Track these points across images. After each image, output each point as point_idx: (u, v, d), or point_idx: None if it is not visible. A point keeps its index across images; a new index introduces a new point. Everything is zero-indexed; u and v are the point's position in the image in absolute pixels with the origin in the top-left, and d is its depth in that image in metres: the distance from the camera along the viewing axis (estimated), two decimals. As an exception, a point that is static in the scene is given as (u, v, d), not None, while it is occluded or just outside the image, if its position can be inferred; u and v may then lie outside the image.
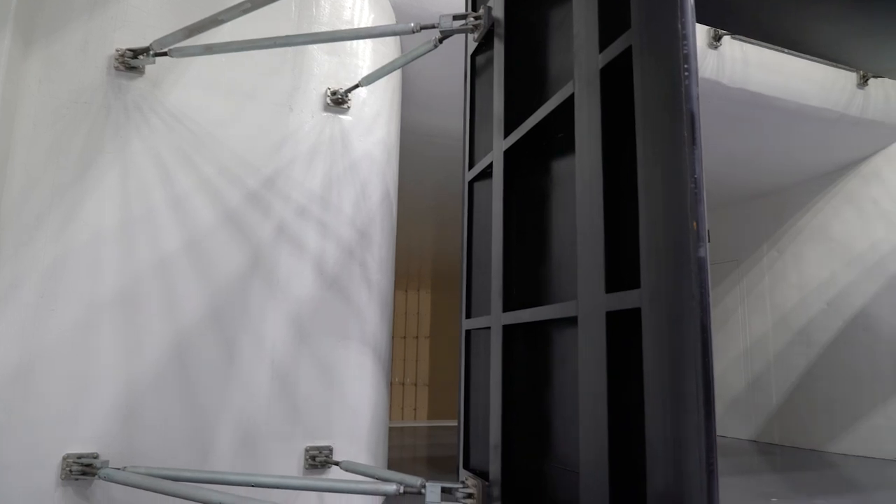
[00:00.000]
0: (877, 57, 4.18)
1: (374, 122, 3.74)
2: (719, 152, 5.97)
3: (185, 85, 3.28)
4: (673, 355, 1.30)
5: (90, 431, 2.83)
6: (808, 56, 5.00)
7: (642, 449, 1.39)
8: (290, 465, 3.21)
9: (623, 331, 1.53)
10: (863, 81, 5.33)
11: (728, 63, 4.72)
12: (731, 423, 7.36)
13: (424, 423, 10.86)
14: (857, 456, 5.89)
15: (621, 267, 1.55)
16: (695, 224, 1.27)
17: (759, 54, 4.91)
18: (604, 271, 1.56)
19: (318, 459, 3.25)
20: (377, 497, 3.57)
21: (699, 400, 1.23)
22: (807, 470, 5.18)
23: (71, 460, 2.73)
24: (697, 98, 1.32)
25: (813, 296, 6.53)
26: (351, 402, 3.43)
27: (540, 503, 2.09)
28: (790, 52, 4.97)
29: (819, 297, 6.46)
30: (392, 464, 4.91)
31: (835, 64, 5.16)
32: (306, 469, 3.23)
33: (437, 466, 5.21)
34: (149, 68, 3.20)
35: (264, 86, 3.44)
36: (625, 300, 1.47)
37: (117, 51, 3.12)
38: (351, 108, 3.63)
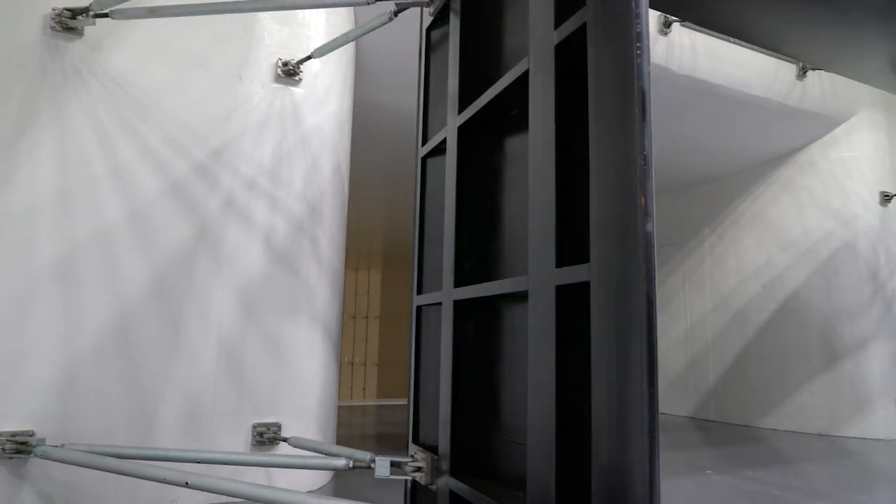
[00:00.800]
0: (815, 49, 4.35)
1: (326, 95, 3.67)
2: (666, 138, 6.13)
3: (128, 49, 3.14)
4: (619, 327, 1.34)
5: (25, 408, 2.72)
6: (753, 46, 5.16)
7: (588, 421, 1.43)
8: (238, 442, 3.17)
9: (572, 305, 1.56)
10: (802, 73, 5.55)
11: (677, 50, 4.83)
12: (672, 401, 7.66)
13: (374, 402, 10.88)
14: (786, 431, 6.23)
15: (572, 242, 1.58)
16: (643, 199, 1.30)
17: (706, 42, 5.04)
18: (554, 246, 1.59)
19: (266, 436, 3.22)
20: (326, 473, 3.57)
21: (643, 369, 1.27)
22: (739, 444, 5.46)
23: (4, 438, 2.62)
24: (649, 76, 1.35)
25: (750, 279, 6.83)
26: (300, 378, 3.40)
27: (488, 475, 2.13)
28: (736, 41, 5.12)
29: (755, 280, 6.76)
30: (342, 441, 4.90)
31: (777, 55, 5.34)
32: (254, 445, 3.20)
33: (387, 443, 5.24)
34: (88, 30, 3.04)
35: (212, 54, 3.33)
36: (574, 274, 1.50)
37: (53, 10, 2.95)
38: (303, 81, 3.55)
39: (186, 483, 2.16)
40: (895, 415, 5.76)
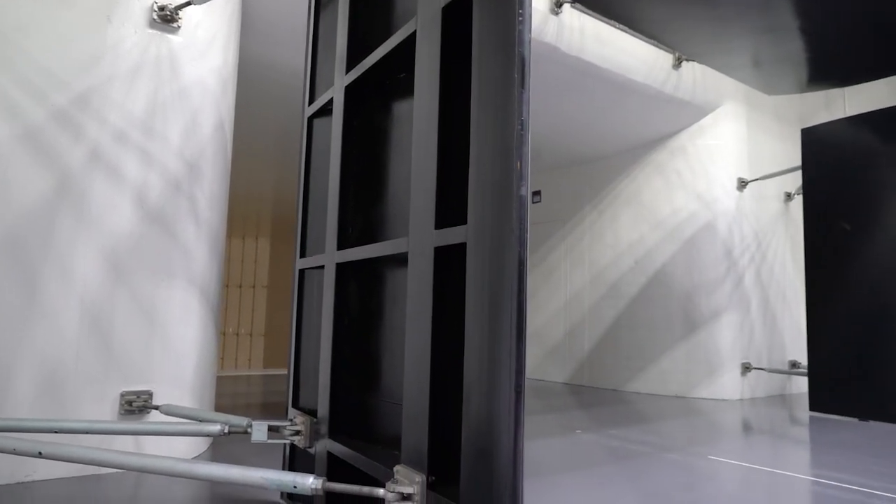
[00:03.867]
0: (689, 40, 4.68)
1: (208, 46, 3.45)
2: (554, 117, 6.36)
3: (-28, -26, 2.77)
4: (492, 285, 1.39)
5: None
6: (636, 33, 5.45)
7: (461, 378, 1.49)
8: (104, 411, 2.98)
9: (450, 266, 1.60)
10: (677, 63, 5.94)
11: (567, 31, 5.00)
12: (550, 369, 8.09)
13: (260, 372, 10.62)
14: (648, 393, 6.80)
15: (452, 205, 1.61)
16: (518, 164, 1.35)
17: (594, 26, 5.25)
18: (434, 209, 1.61)
19: (136, 404, 3.06)
20: (203, 441, 3.45)
21: (512, 326, 1.33)
22: (607, 406, 5.88)
23: None
24: (529, 43, 1.39)
25: (624, 255, 7.31)
26: (175, 344, 3.24)
27: (367, 437, 2.15)
28: (621, 27, 5.37)
29: (629, 255, 7.25)
30: (224, 410, 4.75)
31: (656, 44, 5.68)
32: (122, 414, 3.02)
33: (272, 412, 5.14)
34: (-80, -54, 2.65)
35: (77, -11, 3.02)
36: (452, 236, 1.54)
37: None
38: (182, 29, 3.32)
39: (40, 453, 2.01)
40: (739, 378, 6.45)
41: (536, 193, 8.64)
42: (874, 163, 5.05)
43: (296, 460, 2.63)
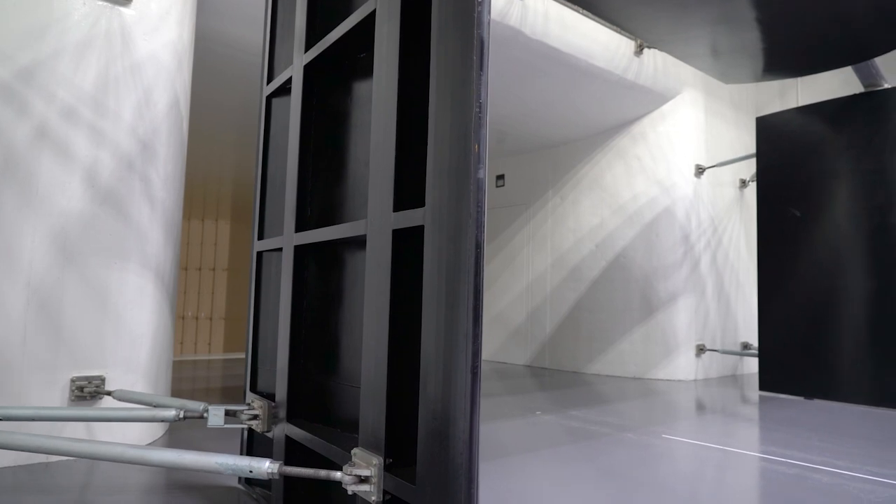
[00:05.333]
0: (650, 27, 4.71)
1: (161, 21, 3.33)
2: (517, 102, 6.37)
3: None
4: (449, 268, 1.39)
5: None
6: (598, 19, 5.47)
7: (419, 361, 1.49)
8: (53, 397, 2.89)
9: (408, 249, 1.59)
10: (639, 50, 6.00)
11: (531, 14, 4.99)
12: (512, 351, 8.19)
13: (220, 357, 10.47)
14: (607, 375, 6.95)
15: (410, 187, 1.60)
16: (476, 146, 1.35)
17: (558, 11, 5.26)
18: (393, 191, 1.60)
19: (87, 390, 2.98)
20: (159, 427, 3.39)
21: (469, 308, 1.33)
22: (567, 388, 5.99)
23: None
24: (488, 25, 1.38)
25: (585, 239, 7.41)
26: (128, 328, 3.16)
27: (325, 420, 2.14)
28: (584, 12, 5.39)
29: (590, 240, 7.36)
30: (183, 395, 4.67)
31: (619, 30, 5.72)
32: (72, 401, 2.94)
33: (231, 396, 5.08)
34: None
35: (19, -44, 2.87)
36: (410, 218, 1.53)
37: None
38: (134, 2, 3.19)
39: (-18, 441, 1.94)
40: (694, 359, 6.64)
41: (500, 177, 8.67)
42: (824, 151, 5.21)
43: (254, 445, 2.61)
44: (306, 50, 2.22)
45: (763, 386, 5.47)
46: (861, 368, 4.85)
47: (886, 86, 4.97)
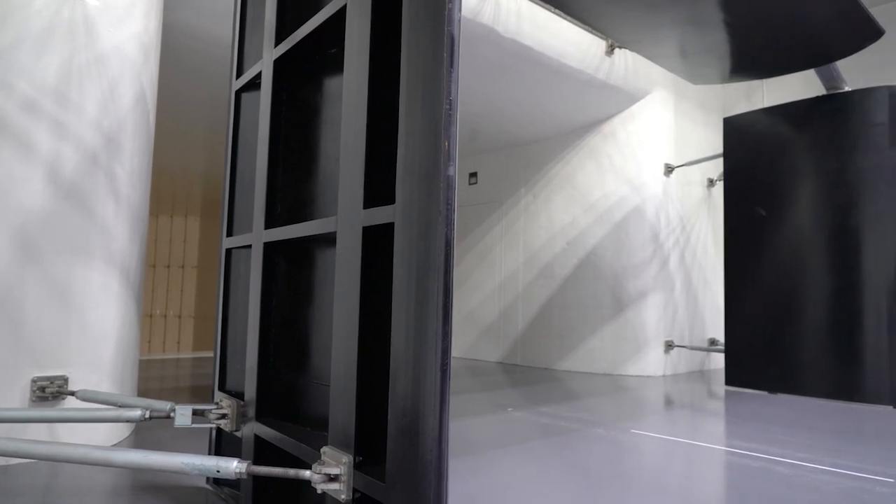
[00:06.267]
0: (621, 28, 4.77)
1: (127, 12, 3.26)
2: (490, 100, 6.39)
3: None
4: (419, 266, 1.39)
5: None
6: (570, 18, 5.52)
7: (388, 358, 1.48)
8: (13, 398, 2.81)
9: (378, 246, 1.59)
10: (610, 50, 6.07)
11: (503, 13, 5.01)
12: (484, 348, 8.22)
13: (189, 356, 10.31)
14: (578, 371, 7.02)
15: (380, 184, 1.60)
16: (446, 143, 1.35)
17: (530, 9, 5.28)
18: (363, 188, 1.59)
19: (49, 390, 2.90)
20: (125, 428, 3.33)
21: (438, 306, 1.33)
22: (539, 384, 6.04)
23: None
24: (459, 22, 1.38)
25: (557, 237, 7.47)
26: (92, 327, 3.09)
27: (295, 419, 2.12)
28: (556, 11, 5.43)
29: (561, 237, 7.42)
30: (151, 395, 4.58)
31: (591, 29, 5.78)
32: (34, 401, 2.86)
33: (201, 396, 5.00)
34: None
35: (-24, -58, 2.78)
36: (380, 215, 1.52)
37: None
38: (98, -8, 3.11)
39: (-62, 443, 1.87)
40: (663, 355, 6.75)
41: (473, 175, 8.69)
42: (788, 151, 5.34)
43: (222, 445, 2.58)
44: (276, 44, 2.19)
45: (729, 381, 5.59)
46: (822, 364, 4.98)
47: (847, 88, 5.11)
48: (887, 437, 3.95)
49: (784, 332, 5.22)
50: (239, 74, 2.58)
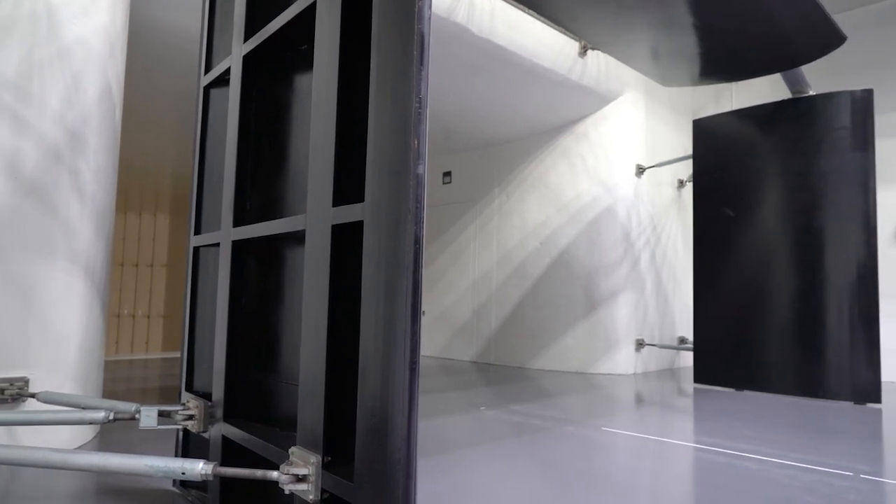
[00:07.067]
0: (594, 29, 4.82)
1: (93, 4, 3.18)
2: (464, 100, 6.40)
3: None
4: (388, 264, 1.38)
5: None
6: (544, 19, 5.55)
7: (357, 358, 1.47)
8: (-31, 401, 2.72)
9: (347, 244, 1.57)
10: (583, 51, 6.12)
11: (477, 12, 5.02)
12: (458, 347, 8.23)
13: (158, 356, 10.13)
14: (551, 370, 7.07)
15: (350, 182, 1.58)
16: (416, 142, 1.34)
17: (504, 9, 5.30)
18: (332, 186, 1.58)
19: (9, 392, 2.81)
20: (89, 430, 3.25)
21: (407, 304, 1.33)
22: (511, 383, 6.07)
23: None
24: (429, 20, 1.37)
25: (530, 236, 7.52)
26: (55, 327, 3.01)
27: (264, 419, 2.10)
28: (530, 11, 5.46)
29: (534, 237, 7.47)
30: (118, 396, 4.48)
31: (564, 30, 5.82)
32: (-8, 404, 2.77)
33: (169, 397, 4.91)
34: None
35: (-68, -71, 2.68)
36: (349, 213, 1.51)
37: None
38: (62, -17, 3.03)
39: None
40: (634, 354, 6.84)
41: (447, 174, 8.69)
42: (755, 153, 5.45)
43: (189, 446, 2.53)
44: (246, 39, 2.16)
45: (697, 378, 5.69)
46: (786, 361, 5.10)
47: (811, 92, 5.23)
48: (848, 433, 4.06)
49: (750, 331, 5.33)
50: (208, 70, 2.54)
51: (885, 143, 6.60)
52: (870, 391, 4.72)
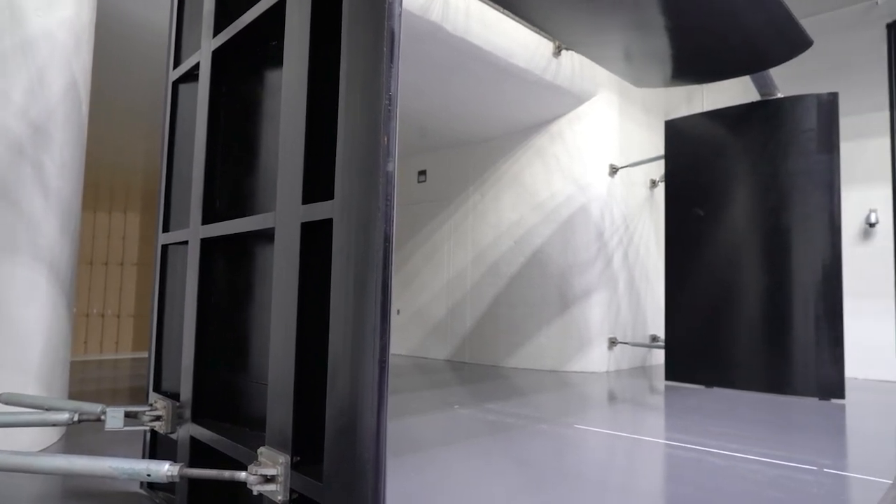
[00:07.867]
0: (569, 29, 4.85)
1: (58, -4, 3.10)
2: (439, 98, 6.39)
3: None
4: (358, 262, 1.37)
5: None
6: (518, 18, 5.57)
7: (327, 356, 1.46)
8: (-73, 403, 2.63)
9: (317, 242, 1.56)
10: (557, 51, 6.16)
11: (452, 11, 5.01)
12: (433, 346, 8.23)
13: (128, 356, 9.95)
14: (525, 368, 7.11)
15: (320, 179, 1.57)
16: (386, 139, 1.34)
17: (479, 9, 5.31)
18: (302, 183, 1.56)
19: (-31, 394, 2.73)
20: (54, 432, 3.17)
21: (377, 302, 1.32)
22: (486, 381, 6.09)
23: None
24: (400, 16, 1.37)
25: (504, 235, 7.55)
26: (17, 327, 2.93)
27: (233, 419, 2.07)
28: (504, 11, 5.47)
29: (509, 236, 7.50)
30: (85, 397, 4.38)
31: (538, 30, 5.85)
32: (-49, 406, 2.69)
33: (139, 398, 4.81)
34: None
35: None
36: (319, 211, 1.50)
37: None
38: (25, -27, 2.95)
39: None
40: (606, 352, 6.91)
41: (422, 173, 8.68)
42: (725, 154, 5.55)
43: (157, 447, 2.49)
44: (215, 35, 2.13)
45: (668, 376, 5.77)
46: (754, 359, 5.21)
47: (779, 95, 5.34)
48: (813, 428, 4.16)
49: (720, 329, 5.42)
50: (176, 65, 2.50)
51: (849, 145, 6.76)
52: (834, 387, 4.83)
